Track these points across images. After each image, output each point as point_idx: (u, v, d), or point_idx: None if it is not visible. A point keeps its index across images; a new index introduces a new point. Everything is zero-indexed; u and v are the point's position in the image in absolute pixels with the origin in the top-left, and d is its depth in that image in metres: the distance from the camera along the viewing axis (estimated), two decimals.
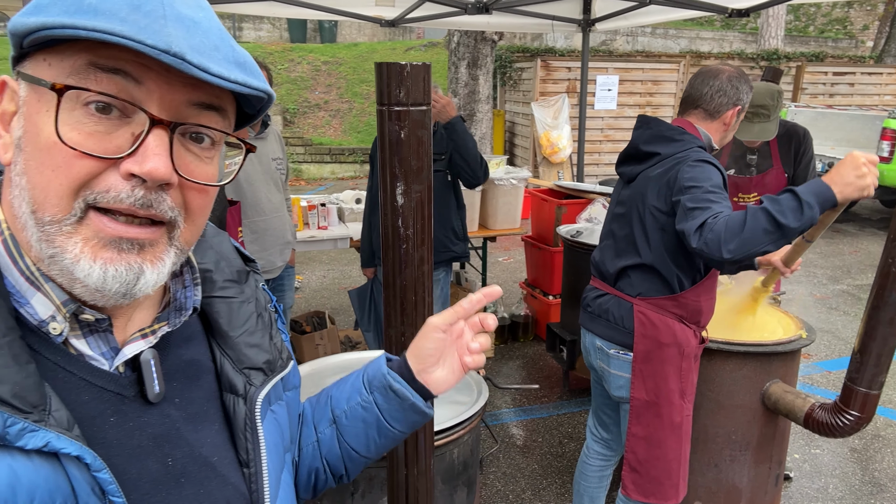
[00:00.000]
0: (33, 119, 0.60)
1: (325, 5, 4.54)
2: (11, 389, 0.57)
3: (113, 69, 0.58)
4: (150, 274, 0.63)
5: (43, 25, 0.57)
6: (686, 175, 2.09)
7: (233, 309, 0.81)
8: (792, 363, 2.59)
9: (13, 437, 0.56)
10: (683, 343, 2.25)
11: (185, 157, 0.64)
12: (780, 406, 2.46)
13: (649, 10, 4.65)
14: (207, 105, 0.64)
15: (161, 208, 0.62)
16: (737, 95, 2.24)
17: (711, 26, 19.96)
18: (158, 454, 0.69)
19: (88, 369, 0.66)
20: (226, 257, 0.84)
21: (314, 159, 12.18)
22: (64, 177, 0.59)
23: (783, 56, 12.81)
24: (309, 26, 18.01)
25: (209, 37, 0.61)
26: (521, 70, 10.80)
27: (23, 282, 0.63)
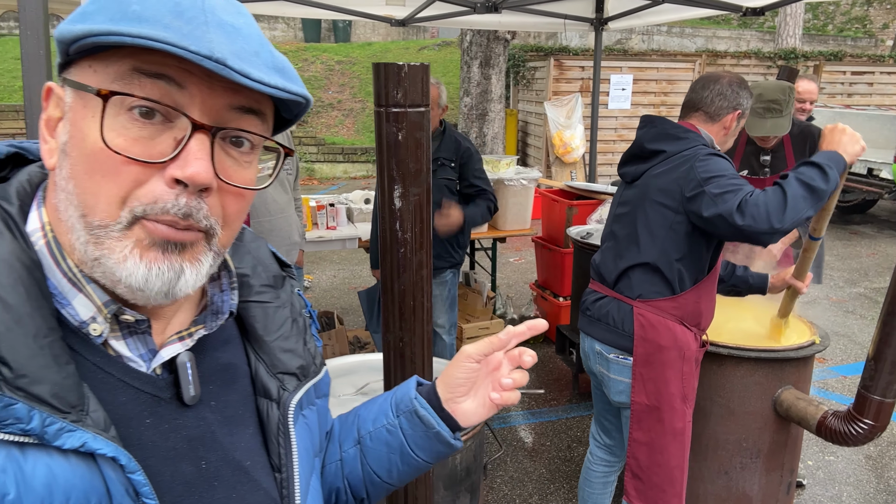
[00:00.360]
0: (79, 125, 0.62)
1: (335, 5, 4.53)
2: (51, 389, 0.58)
3: (156, 74, 0.60)
4: (190, 274, 0.65)
5: (89, 32, 0.58)
6: (702, 168, 2.11)
7: (268, 314, 0.82)
8: (805, 369, 2.54)
9: (51, 437, 0.57)
10: (684, 346, 2.23)
11: (224, 162, 0.65)
12: (792, 413, 2.41)
13: (663, 8, 4.59)
14: (247, 109, 0.65)
15: (198, 217, 0.63)
16: (737, 100, 2.26)
17: (728, 25, 19.77)
18: (192, 457, 0.70)
19: (126, 371, 0.67)
20: (263, 262, 0.85)
21: (327, 159, 12.20)
22: (113, 183, 0.60)
23: (801, 55, 12.64)
24: (323, 26, 18.05)
25: (250, 42, 0.62)
26: (535, 69, 10.74)
27: (65, 283, 0.64)
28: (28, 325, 0.59)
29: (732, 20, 20.62)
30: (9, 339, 0.57)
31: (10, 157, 0.72)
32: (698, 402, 2.51)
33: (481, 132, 9.01)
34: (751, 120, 3.02)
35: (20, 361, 0.57)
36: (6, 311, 0.58)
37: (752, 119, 3.01)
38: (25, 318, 0.59)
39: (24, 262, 0.62)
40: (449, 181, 3.56)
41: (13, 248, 0.62)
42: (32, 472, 0.56)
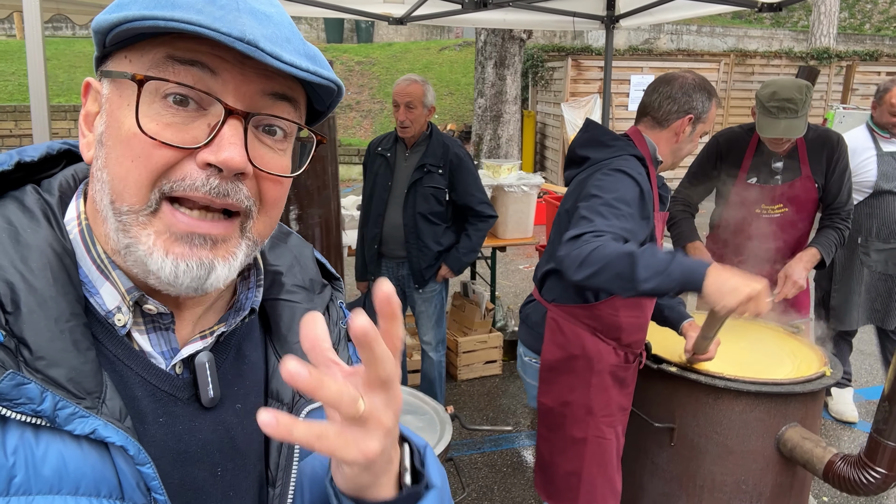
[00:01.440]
0: (115, 114, 0.63)
1: (333, 3, 4.36)
2: (67, 374, 0.58)
3: (190, 61, 0.60)
4: (222, 269, 0.64)
5: (125, 19, 0.59)
6: (595, 182, 1.99)
7: (296, 313, 0.78)
8: (813, 405, 2.27)
9: (62, 421, 0.57)
10: (594, 357, 2.14)
11: (259, 149, 0.65)
12: (796, 454, 2.15)
13: (676, 4, 4.34)
14: (281, 95, 0.64)
15: (238, 197, 0.62)
16: (689, 104, 2.09)
17: (761, 24, 19.22)
18: (207, 462, 0.68)
19: (146, 366, 0.66)
20: (302, 264, 0.83)
21: (343, 160, 12.07)
22: (143, 166, 0.60)
23: (834, 55, 12.15)
24: (346, 27, 17.97)
25: (281, 29, 0.62)
26: (553, 70, 10.48)
27: (95, 271, 0.65)
28: (51, 308, 0.59)
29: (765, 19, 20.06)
30: (31, 320, 0.58)
31: (63, 153, 0.74)
32: (692, 438, 2.27)
33: (496, 134, 8.79)
34: (762, 120, 2.75)
35: (40, 343, 0.58)
36: (31, 294, 0.59)
37: (764, 119, 2.74)
38: (49, 301, 0.60)
39: (55, 248, 0.63)
40: (437, 189, 3.35)
41: (47, 235, 0.64)
42: (43, 457, 0.56)
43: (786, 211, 2.95)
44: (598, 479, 2.22)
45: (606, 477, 2.22)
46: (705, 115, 2.12)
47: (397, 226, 3.40)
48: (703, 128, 2.15)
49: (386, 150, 3.46)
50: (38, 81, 2.14)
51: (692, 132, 2.13)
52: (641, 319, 2.18)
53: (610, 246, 1.76)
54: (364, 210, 3.56)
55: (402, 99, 3.29)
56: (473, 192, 3.39)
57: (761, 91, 2.78)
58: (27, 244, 0.62)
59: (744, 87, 11.64)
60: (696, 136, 2.15)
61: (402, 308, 3.50)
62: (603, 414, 2.18)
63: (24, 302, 0.59)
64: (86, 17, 5.98)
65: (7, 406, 0.56)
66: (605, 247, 1.76)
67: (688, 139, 2.14)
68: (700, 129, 2.14)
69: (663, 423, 2.32)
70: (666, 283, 1.69)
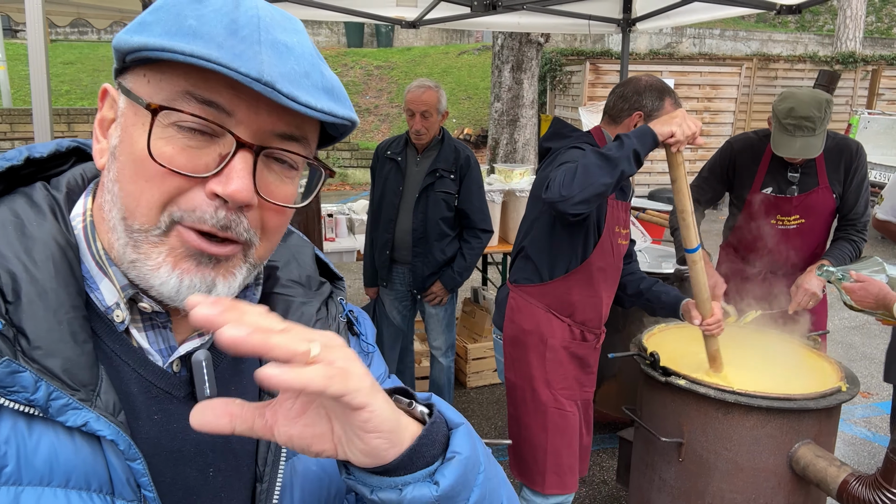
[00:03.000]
0: (129, 130, 0.63)
1: (345, 7, 4.34)
2: (62, 365, 0.59)
3: (207, 101, 0.61)
4: (222, 287, 0.65)
5: (144, 46, 0.59)
6: (560, 159, 2.20)
7: (290, 306, 0.78)
8: (828, 421, 2.19)
9: (55, 412, 0.57)
10: (547, 333, 2.35)
11: (266, 178, 0.65)
12: (809, 473, 2.07)
13: (693, 7, 4.27)
14: (290, 136, 0.65)
15: (238, 230, 0.63)
16: (638, 102, 2.27)
17: (785, 28, 18.95)
18: (200, 462, 0.68)
19: (143, 363, 0.67)
20: (299, 261, 0.83)
21: (360, 164, 12.09)
22: (156, 189, 0.61)
23: (860, 59, 11.92)
24: (366, 31, 18.04)
25: (301, 63, 0.62)
26: (571, 74, 10.40)
27: (94, 267, 0.66)
28: (51, 299, 0.60)
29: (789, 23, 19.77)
30: (30, 310, 0.59)
31: (72, 151, 0.75)
32: (701, 454, 2.20)
33: (512, 138, 8.72)
34: (777, 136, 2.66)
35: (38, 333, 0.59)
36: (32, 284, 0.60)
37: (780, 136, 2.65)
38: (50, 292, 0.61)
39: (59, 242, 0.64)
40: (447, 195, 3.30)
41: (52, 228, 0.65)
42: (35, 447, 0.57)
43: (802, 222, 2.85)
44: (563, 451, 2.40)
45: (571, 450, 2.41)
46: (657, 113, 2.25)
47: (408, 231, 3.37)
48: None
49: (396, 154, 3.42)
50: (40, 85, 2.13)
51: None
52: (594, 299, 2.37)
53: (577, 161, 2.03)
54: (373, 215, 3.53)
55: (417, 108, 3.24)
56: (473, 200, 3.35)
57: (778, 105, 2.68)
58: (32, 236, 0.63)
59: (767, 92, 11.44)
60: None
61: (413, 313, 3.46)
62: (561, 386, 2.38)
63: (24, 292, 0.59)
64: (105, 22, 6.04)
65: (1, 393, 0.56)
66: (573, 164, 2.03)
67: None
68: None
69: (671, 438, 2.25)
70: (628, 142, 1.96)
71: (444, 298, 3.44)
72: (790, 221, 2.86)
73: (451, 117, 13.20)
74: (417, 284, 3.41)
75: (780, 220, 2.87)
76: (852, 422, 4.01)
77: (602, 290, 2.37)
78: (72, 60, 14.14)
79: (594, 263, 2.31)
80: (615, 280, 2.46)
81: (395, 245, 3.43)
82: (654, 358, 2.27)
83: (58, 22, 5.46)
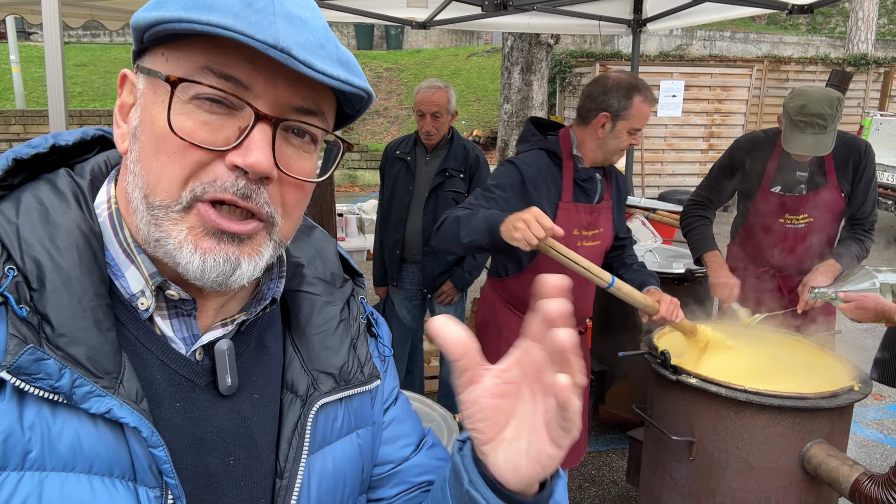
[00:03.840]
0: (149, 109, 0.64)
1: (356, 7, 4.37)
2: (86, 352, 0.59)
3: (225, 75, 0.61)
4: (247, 266, 0.65)
5: (161, 19, 0.60)
6: (492, 174, 2.33)
7: (315, 306, 0.79)
8: (841, 421, 2.17)
9: (79, 399, 0.58)
10: (502, 325, 2.44)
11: (285, 152, 0.65)
12: (821, 472, 2.06)
13: (704, 7, 4.26)
14: (306, 110, 0.65)
15: (258, 201, 0.63)
16: (605, 101, 2.24)
17: (796, 31, 18.87)
18: (221, 450, 0.68)
19: (166, 351, 0.67)
20: (324, 257, 0.84)
21: (369, 165, 12.13)
22: (177, 164, 0.62)
23: (872, 61, 11.85)
24: (376, 33, 18.09)
25: (315, 35, 0.62)
26: (581, 75, 10.40)
27: (121, 254, 0.67)
28: (75, 287, 0.61)
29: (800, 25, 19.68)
30: (55, 298, 0.60)
31: (97, 139, 0.76)
32: (712, 453, 2.19)
33: None
34: (788, 133, 2.65)
35: (62, 321, 0.59)
36: (56, 273, 0.61)
37: (791, 133, 2.64)
38: (74, 280, 0.61)
39: (83, 229, 0.65)
40: (457, 194, 3.31)
41: (76, 216, 0.65)
42: (59, 434, 0.57)
43: (810, 221, 2.84)
44: None
45: None
46: (625, 113, 2.23)
47: (419, 230, 3.38)
48: (627, 125, 2.25)
49: (405, 154, 3.43)
50: (57, 86, 2.15)
51: (613, 128, 2.26)
52: None
53: (450, 216, 2.15)
54: (383, 214, 3.54)
55: (428, 109, 3.24)
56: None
57: (789, 102, 2.67)
58: (56, 224, 0.64)
59: (778, 94, 11.40)
60: (621, 133, 2.27)
61: (422, 312, 3.50)
62: None
63: (49, 280, 0.60)
64: (118, 24, 6.09)
65: (26, 380, 0.56)
66: (447, 218, 2.15)
67: (611, 135, 2.28)
68: (623, 126, 2.25)
69: (682, 437, 2.24)
70: (474, 239, 2.05)
71: (454, 297, 3.45)
72: (798, 220, 2.85)
73: (461, 119, 13.21)
74: (428, 283, 3.42)
75: (789, 218, 2.86)
76: (864, 424, 3.98)
77: None
78: (84, 62, 14.25)
79: (544, 265, 2.31)
80: (581, 282, 2.31)
81: (405, 244, 3.44)
82: (664, 356, 2.26)
83: (71, 24, 5.51)
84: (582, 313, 2.55)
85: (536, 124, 2.48)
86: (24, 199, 0.65)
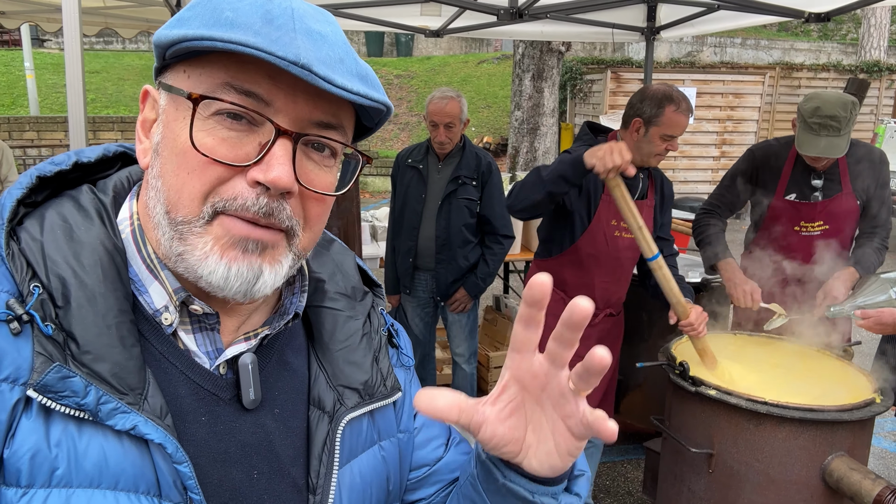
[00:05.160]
0: (171, 126, 0.64)
1: (370, 16, 4.38)
2: (111, 369, 0.60)
3: (247, 91, 0.62)
4: (269, 275, 0.65)
5: (184, 37, 0.60)
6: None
7: (338, 321, 0.80)
8: (862, 433, 2.15)
9: (104, 416, 0.58)
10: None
11: (306, 166, 0.66)
12: (843, 486, 2.03)
13: (718, 15, 4.25)
14: (326, 124, 0.66)
15: (280, 217, 0.64)
16: (640, 108, 2.48)
17: (808, 37, 18.78)
18: (245, 464, 0.69)
19: (190, 365, 0.67)
20: (344, 272, 0.84)
21: (379, 172, 12.14)
22: (197, 180, 0.62)
23: (885, 68, 11.78)
24: (386, 41, 18.17)
25: (335, 50, 0.63)
26: (591, 82, 10.39)
27: (144, 270, 0.67)
28: (100, 304, 0.61)
29: (812, 31, 19.60)
30: (80, 315, 0.60)
31: (118, 156, 0.77)
32: (731, 466, 2.17)
33: (532, 147, 8.72)
34: (802, 135, 2.64)
35: (87, 338, 0.60)
36: (81, 289, 0.61)
37: (805, 135, 2.63)
38: (98, 297, 0.61)
39: (107, 246, 0.65)
40: (470, 202, 3.31)
41: (99, 233, 0.66)
42: (85, 450, 0.58)
43: (826, 228, 2.82)
44: None
45: None
46: (657, 120, 2.44)
47: (432, 238, 3.38)
48: (660, 131, 2.45)
49: (417, 162, 3.43)
50: (77, 93, 2.16)
51: (646, 133, 2.48)
52: (585, 280, 2.69)
53: (527, 175, 2.44)
54: (395, 222, 3.54)
55: (441, 119, 3.24)
56: (495, 206, 3.35)
57: (804, 104, 2.66)
58: (80, 241, 0.64)
59: (790, 101, 11.35)
60: (654, 138, 2.47)
61: (434, 320, 3.52)
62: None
63: (74, 297, 0.61)
64: (132, 31, 6.13)
65: (52, 398, 0.57)
66: (524, 178, 2.44)
67: (645, 140, 2.49)
68: (656, 132, 2.46)
69: (701, 449, 2.22)
70: (557, 166, 2.31)
71: (467, 305, 3.44)
72: (814, 228, 2.82)
73: (471, 126, 13.23)
74: (441, 291, 3.41)
75: (804, 226, 2.83)
76: (882, 435, 3.93)
77: (595, 276, 2.69)
78: (97, 69, 14.37)
79: (582, 249, 2.65)
80: (614, 269, 2.71)
81: (418, 252, 3.44)
82: (683, 367, 2.24)
83: (86, 31, 5.55)
84: (615, 299, 2.79)
85: (591, 128, 2.74)
86: (48, 217, 0.66)
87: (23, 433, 0.57)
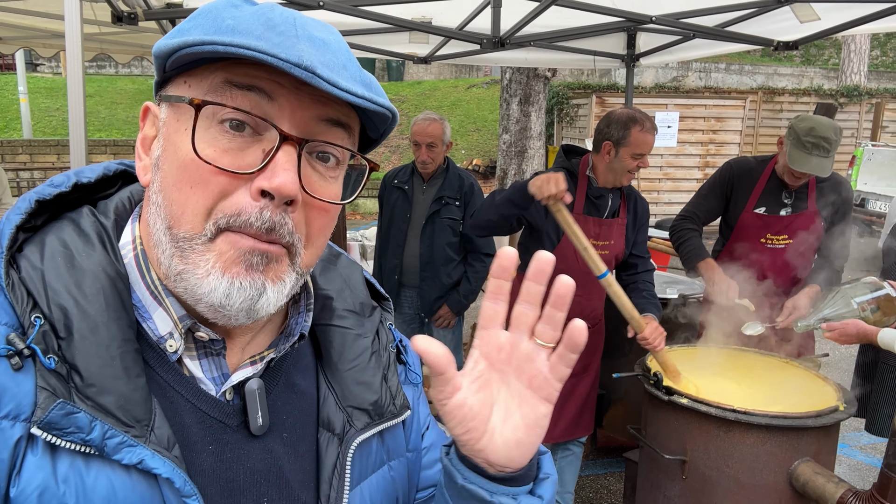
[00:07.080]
0: (172, 138, 0.63)
1: (360, 44, 4.52)
2: (117, 401, 0.58)
3: (248, 86, 0.61)
4: (272, 292, 0.63)
5: (185, 44, 0.59)
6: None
7: (347, 340, 0.77)
8: (828, 439, 2.25)
9: (110, 450, 0.57)
10: None
11: (311, 176, 0.65)
12: (809, 490, 2.12)
13: (694, 43, 4.41)
14: (335, 121, 0.64)
15: (282, 232, 0.62)
16: (608, 132, 2.65)
17: (791, 62, 19.18)
18: (254, 492, 0.67)
19: (196, 393, 0.66)
20: (352, 287, 0.82)
21: (370, 194, 12.23)
22: (200, 193, 0.61)
23: (864, 92, 12.08)
24: (377, 66, 18.42)
25: (338, 56, 0.62)
26: (578, 106, 10.60)
27: (148, 296, 0.66)
28: (103, 334, 0.60)
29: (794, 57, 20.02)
30: (83, 347, 0.58)
31: (119, 174, 0.75)
32: (704, 472, 2.26)
33: (520, 169, 8.88)
34: (795, 152, 2.79)
35: (91, 370, 0.58)
36: (84, 320, 0.59)
37: (797, 152, 2.77)
38: (101, 327, 0.60)
39: (109, 273, 0.63)
40: (453, 221, 3.42)
41: (101, 259, 0.64)
42: (94, 485, 0.56)
43: (790, 242, 2.97)
44: None
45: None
46: (625, 141, 2.61)
47: (416, 256, 3.48)
48: (629, 150, 2.62)
49: (403, 183, 3.55)
50: (78, 117, 2.27)
51: (617, 154, 2.65)
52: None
53: (484, 200, 2.67)
54: (382, 241, 3.64)
55: (423, 139, 3.39)
56: None
57: (798, 124, 2.81)
58: (81, 268, 0.62)
59: (772, 125, 11.60)
60: (625, 158, 2.63)
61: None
62: None
63: (76, 328, 0.59)
64: (127, 56, 6.25)
65: (57, 434, 0.56)
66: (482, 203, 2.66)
67: (616, 160, 2.65)
68: (626, 152, 2.62)
69: (675, 456, 2.31)
70: (508, 195, 2.47)
71: (451, 321, 3.53)
72: (779, 241, 2.96)
73: (461, 148, 13.40)
74: (425, 308, 3.51)
75: (770, 238, 2.97)
76: (858, 447, 4.03)
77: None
78: (90, 93, 14.50)
79: (564, 256, 2.70)
80: (585, 283, 2.66)
81: (403, 269, 3.54)
82: (657, 378, 2.34)
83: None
84: (588, 311, 2.85)
85: (567, 150, 2.90)
86: (49, 243, 0.64)
87: (29, 470, 0.56)
